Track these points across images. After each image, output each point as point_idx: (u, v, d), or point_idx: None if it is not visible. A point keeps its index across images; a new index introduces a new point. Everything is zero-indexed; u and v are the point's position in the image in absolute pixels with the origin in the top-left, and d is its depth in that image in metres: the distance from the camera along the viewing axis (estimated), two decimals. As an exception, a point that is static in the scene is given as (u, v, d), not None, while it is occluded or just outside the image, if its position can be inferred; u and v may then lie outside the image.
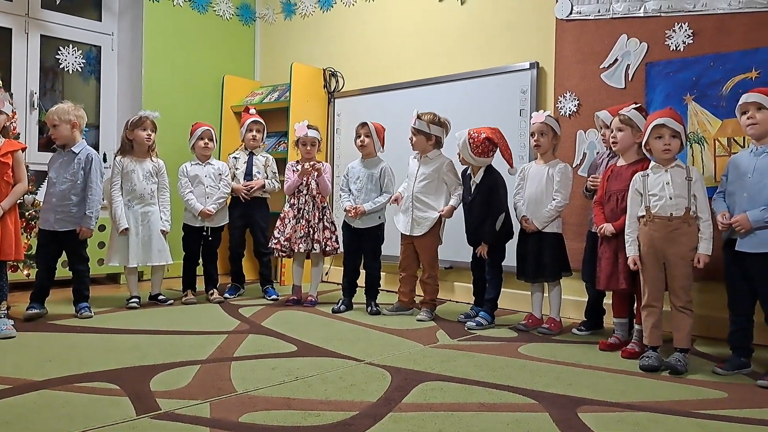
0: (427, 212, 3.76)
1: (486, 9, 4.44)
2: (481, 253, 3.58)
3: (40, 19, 4.98)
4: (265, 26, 6.05)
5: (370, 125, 3.95)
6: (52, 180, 3.57)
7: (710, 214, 2.77)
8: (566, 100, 3.94)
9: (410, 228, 3.80)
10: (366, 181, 3.97)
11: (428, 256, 3.82)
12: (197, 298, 4.23)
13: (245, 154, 4.54)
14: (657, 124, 2.79)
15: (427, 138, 3.77)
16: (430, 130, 3.75)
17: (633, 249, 2.89)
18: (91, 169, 3.61)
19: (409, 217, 3.80)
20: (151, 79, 5.25)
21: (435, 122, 3.77)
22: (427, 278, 3.83)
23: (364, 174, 3.99)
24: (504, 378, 2.56)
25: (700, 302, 3.34)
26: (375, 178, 3.97)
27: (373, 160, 4.02)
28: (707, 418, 2.14)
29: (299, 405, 2.18)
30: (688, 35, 3.51)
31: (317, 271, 4.28)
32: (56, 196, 3.54)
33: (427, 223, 3.75)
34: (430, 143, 3.79)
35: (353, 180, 4.03)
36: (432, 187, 3.77)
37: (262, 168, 4.49)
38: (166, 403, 2.15)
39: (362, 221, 3.93)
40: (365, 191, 3.96)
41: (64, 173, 3.57)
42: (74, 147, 3.60)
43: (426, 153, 3.80)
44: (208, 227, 4.22)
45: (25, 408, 2.09)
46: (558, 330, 3.48)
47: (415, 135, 3.78)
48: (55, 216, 3.54)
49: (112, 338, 3.14)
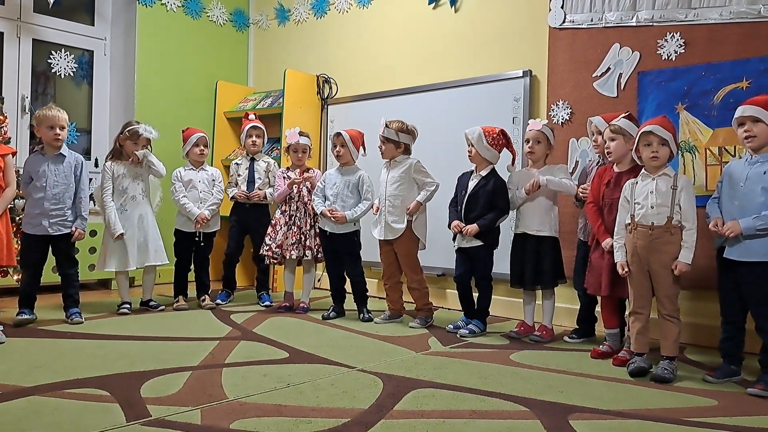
0: (398, 215, 3.77)
1: (480, 17, 4.46)
2: (467, 231, 3.48)
3: (32, 23, 4.96)
4: (258, 32, 6.05)
5: (344, 135, 3.94)
6: (41, 184, 3.51)
7: (696, 223, 2.75)
8: (559, 108, 3.96)
9: (384, 232, 3.81)
10: (342, 187, 3.96)
11: (408, 260, 3.81)
12: (189, 304, 4.21)
13: (247, 160, 4.55)
14: (645, 132, 2.80)
15: (396, 146, 3.80)
16: (399, 138, 3.78)
17: (620, 255, 2.90)
18: (83, 172, 3.65)
19: (383, 222, 3.82)
20: (143, 84, 5.24)
21: (403, 130, 3.80)
22: (412, 283, 3.82)
23: (341, 181, 3.98)
24: (496, 385, 2.56)
25: (691, 310, 3.36)
26: (352, 184, 3.96)
27: (350, 168, 4.02)
28: (698, 426, 2.15)
29: (290, 412, 2.17)
30: (679, 45, 3.54)
31: (309, 277, 4.27)
32: (49, 200, 3.51)
33: (401, 225, 3.76)
34: (399, 150, 3.81)
35: (329, 186, 4.02)
36: (403, 189, 3.78)
37: (263, 174, 4.49)
38: (156, 410, 2.14)
39: (338, 227, 3.92)
40: (341, 197, 3.95)
41: (55, 177, 3.54)
42: (62, 150, 3.60)
43: (395, 158, 3.83)
44: (200, 233, 4.20)
45: (13, 415, 2.07)
46: (550, 338, 3.48)
47: (385, 143, 3.81)
48: (49, 220, 3.51)
49: (103, 344, 3.12)
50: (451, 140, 4.19)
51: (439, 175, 3.86)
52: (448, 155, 4.21)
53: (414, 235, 3.79)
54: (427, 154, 4.02)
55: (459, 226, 3.54)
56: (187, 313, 4.04)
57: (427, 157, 3.95)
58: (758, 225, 2.59)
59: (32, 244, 3.55)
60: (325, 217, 3.92)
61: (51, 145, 3.56)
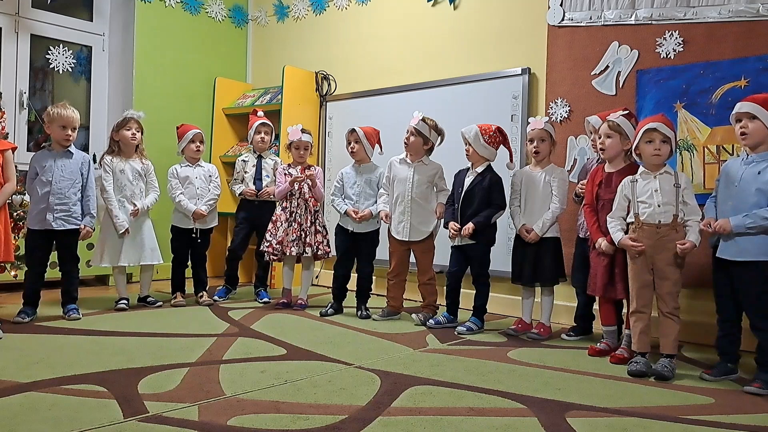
0: (425, 217, 3.78)
1: (478, 14, 4.46)
2: (464, 232, 3.49)
3: (30, 18, 4.95)
4: (257, 28, 6.04)
5: (359, 131, 3.94)
6: (47, 179, 3.50)
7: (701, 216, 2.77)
8: (557, 106, 3.96)
9: (408, 234, 3.79)
10: (364, 186, 3.97)
11: (428, 259, 3.84)
12: (186, 300, 4.21)
13: (254, 157, 4.53)
14: (648, 129, 2.80)
15: (425, 142, 3.78)
16: (430, 136, 3.78)
17: (620, 235, 2.88)
18: (90, 169, 3.66)
19: (406, 223, 3.80)
20: (142, 80, 5.23)
21: (436, 129, 3.80)
22: (427, 280, 3.84)
23: (361, 179, 3.98)
24: (493, 383, 2.56)
25: (688, 308, 3.36)
26: (373, 182, 3.97)
27: (367, 165, 4.02)
28: (694, 424, 2.15)
29: (288, 408, 2.17)
30: (678, 43, 3.54)
31: (308, 274, 4.27)
32: (54, 194, 3.50)
33: (428, 228, 3.78)
34: (425, 147, 3.80)
35: (349, 185, 4.01)
36: (427, 192, 3.81)
37: (270, 171, 4.48)
38: (154, 406, 2.13)
39: (361, 225, 3.93)
40: (364, 196, 3.96)
41: (61, 172, 3.54)
42: (70, 148, 3.60)
43: (419, 157, 3.81)
44: (197, 229, 4.19)
45: (10, 410, 2.07)
46: (547, 335, 3.49)
47: (414, 135, 3.77)
48: (53, 215, 3.50)
49: (101, 340, 3.12)
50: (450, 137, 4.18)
51: (438, 172, 3.87)
52: (447, 152, 4.20)
53: (433, 235, 3.83)
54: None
55: (455, 228, 3.55)
56: (184, 309, 4.04)
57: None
58: (747, 223, 2.58)
59: (37, 240, 3.54)
60: (350, 217, 3.92)
61: (60, 144, 3.56)
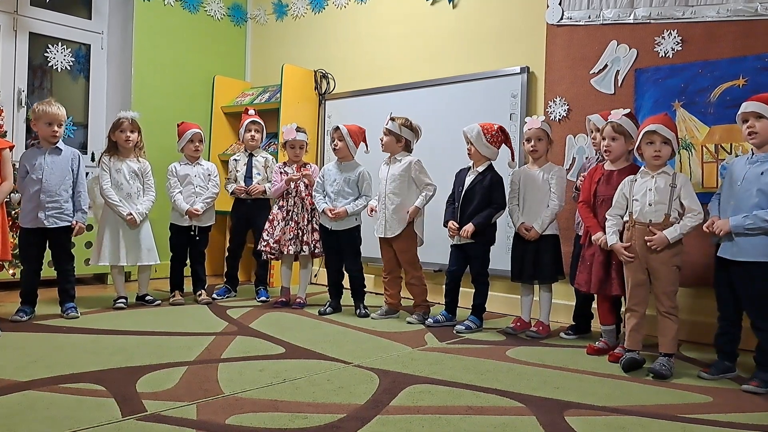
0: (400, 213, 3.78)
1: (477, 13, 4.46)
2: (464, 233, 3.49)
3: (28, 16, 4.94)
4: (256, 27, 6.04)
5: (343, 129, 3.95)
6: (38, 177, 3.50)
7: (702, 213, 2.74)
8: (556, 105, 3.96)
9: (384, 230, 3.82)
10: (343, 184, 3.95)
11: (407, 256, 3.83)
12: (185, 299, 4.21)
13: (245, 156, 4.54)
14: (649, 131, 2.80)
15: (397, 140, 3.82)
16: (401, 132, 3.80)
17: (614, 237, 2.90)
18: (80, 166, 3.64)
19: (382, 219, 3.82)
20: (140, 78, 5.23)
21: (406, 125, 3.83)
22: (411, 279, 3.83)
23: (341, 177, 3.97)
24: (492, 381, 2.56)
25: (688, 307, 3.37)
26: (352, 181, 3.96)
27: (349, 163, 4.01)
28: (692, 422, 2.16)
29: (286, 407, 2.17)
30: (677, 42, 3.54)
31: (306, 273, 4.27)
32: (45, 192, 3.50)
33: (400, 223, 3.77)
34: (399, 145, 3.83)
35: (329, 182, 4.01)
36: (403, 187, 3.80)
37: (262, 169, 4.49)
38: (152, 405, 2.13)
39: (338, 223, 3.93)
40: (342, 194, 3.95)
41: (51, 169, 3.53)
42: (59, 144, 3.59)
43: (395, 154, 3.84)
44: (196, 227, 4.19)
45: (8, 409, 2.06)
46: (546, 334, 3.49)
47: (386, 135, 3.83)
48: (45, 212, 3.50)
49: (99, 339, 3.12)
50: (449, 136, 4.20)
51: (437, 171, 3.87)
52: (446, 151, 4.22)
53: (413, 232, 3.81)
54: (424, 150, 4.03)
55: (454, 228, 3.55)
56: (183, 308, 4.03)
57: (425, 153, 3.96)
58: (746, 224, 2.58)
59: (30, 238, 3.54)
60: (326, 216, 3.92)
61: (47, 140, 3.55)
